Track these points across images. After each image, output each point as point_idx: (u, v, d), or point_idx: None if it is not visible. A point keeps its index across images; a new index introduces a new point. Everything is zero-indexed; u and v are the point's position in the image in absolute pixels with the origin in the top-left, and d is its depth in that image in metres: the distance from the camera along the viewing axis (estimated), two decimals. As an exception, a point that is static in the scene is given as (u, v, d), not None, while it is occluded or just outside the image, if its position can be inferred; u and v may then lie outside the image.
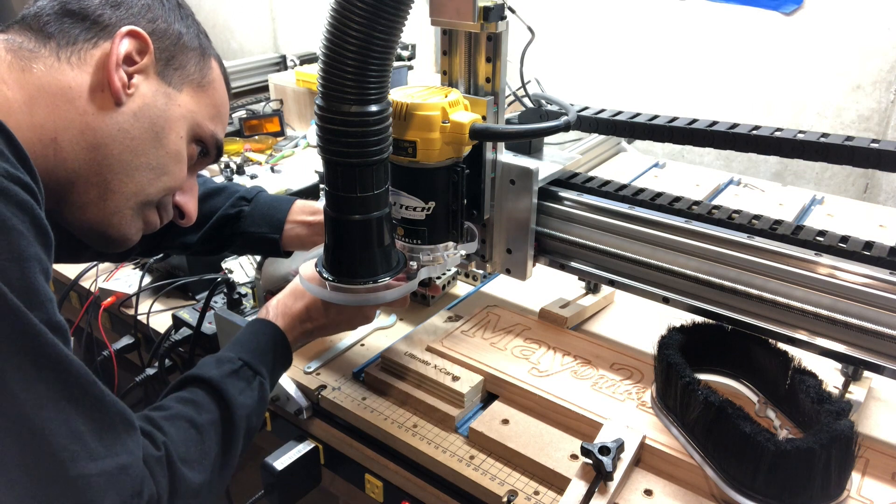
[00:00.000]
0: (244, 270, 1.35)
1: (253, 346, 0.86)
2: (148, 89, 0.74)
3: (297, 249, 1.11)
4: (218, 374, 0.79)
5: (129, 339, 1.29)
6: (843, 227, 1.04)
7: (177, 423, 0.71)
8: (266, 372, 0.84)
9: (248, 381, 0.81)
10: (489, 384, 1.00)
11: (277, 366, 0.88)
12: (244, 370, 0.81)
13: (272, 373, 0.86)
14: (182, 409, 0.74)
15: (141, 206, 0.77)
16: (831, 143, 0.94)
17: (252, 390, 0.81)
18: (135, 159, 0.73)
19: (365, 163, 0.78)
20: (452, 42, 0.95)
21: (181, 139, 0.78)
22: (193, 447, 0.71)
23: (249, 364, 0.82)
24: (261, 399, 0.82)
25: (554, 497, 0.85)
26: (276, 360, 0.87)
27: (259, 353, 0.84)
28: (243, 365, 0.81)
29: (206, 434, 0.73)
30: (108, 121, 0.71)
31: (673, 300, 0.95)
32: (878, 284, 0.80)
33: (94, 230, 0.75)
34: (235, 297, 1.18)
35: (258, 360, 0.83)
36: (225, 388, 0.77)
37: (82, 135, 0.69)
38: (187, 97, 0.78)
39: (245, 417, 0.78)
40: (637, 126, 1.08)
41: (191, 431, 0.72)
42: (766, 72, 1.79)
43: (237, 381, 0.80)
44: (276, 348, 0.87)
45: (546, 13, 2.07)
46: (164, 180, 0.77)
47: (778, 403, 0.88)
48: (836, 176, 1.78)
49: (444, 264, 0.96)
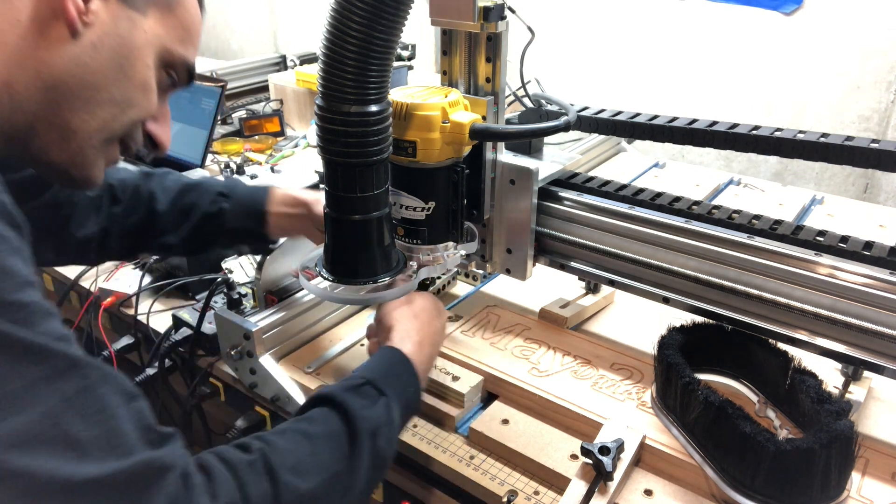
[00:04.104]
0: (244, 270, 1.35)
1: (377, 367, 0.81)
2: (108, 15, 0.65)
3: (280, 237, 1.10)
4: (337, 389, 0.74)
5: (129, 339, 1.29)
6: (843, 227, 1.04)
7: (286, 434, 0.68)
8: (392, 393, 0.77)
9: (371, 399, 0.75)
10: (489, 384, 1.00)
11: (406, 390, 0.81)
12: (367, 387, 0.76)
13: (400, 396, 0.79)
14: (295, 424, 0.70)
15: (106, 144, 0.70)
16: (831, 143, 0.94)
17: (377, 407, 0.74)
18: (96, 94, 0.66)
19: (365, 163, 0.78)
20: (452, 42, 0.95)
21: (148, 68, 0.69)
22: (302, 456, 0.66)
23: (372, 382, 0.76)
24: (388, 419, 0.75)
25: (554, 497, 0.85)
26: (404, 385, 0.81)
27: (383, 375, 0.79)
28: (366, 382, 0.76)
29: (320, 444, 0.68)
30: (65, 54, 0.63)
31: (673, 300, 0.95)
32: (878, 284, 0.80)
33: (57, 172, 0.69)
34: (235, 297, 1.18)
35: (383, 380, 0.78)
36: (344, 400, 0.72)
37: (37, 73, 0.62)
38: (153, 21, 0.69)
39: (369, 432, 0.71)
40: (637, 126, 1.08)
41: (301, 441, 0.67)
42: (766, 72, 1.79)
43: (358, 396, 0.74)
44: (400, 372, 0.82)
45: (546, 13, 2.07)
46: (130, 113, 0.69)
47: (778, 403, 0.88)
48: (836, 176, 1.78)
49: (444, 264, 0.96)
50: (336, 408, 0.72)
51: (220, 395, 1.16)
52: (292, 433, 0.68)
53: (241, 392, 1.12)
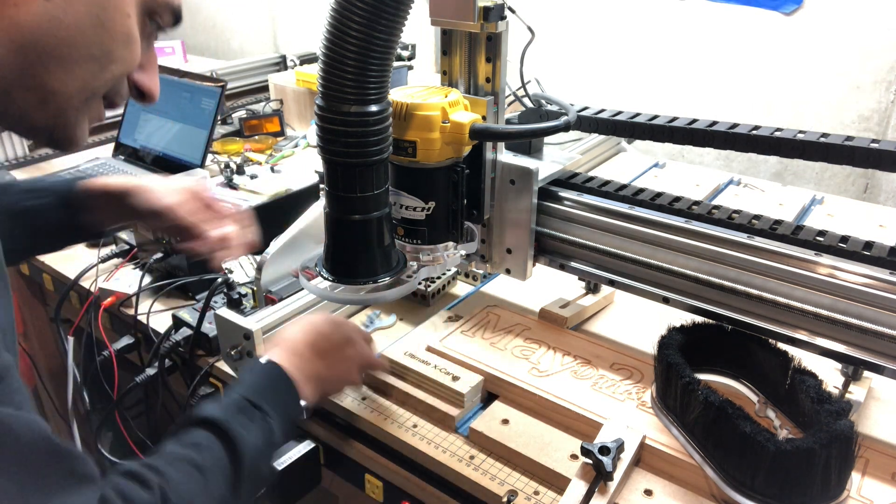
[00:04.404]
0: (244, 270, 1.35)
1: (253, 383, 0.81)
2: None
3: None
4: (219, 412, 0.74)
5: (129, 339, 1.29)
6: (843, 227, 1.04)
7: (176, 465, 0.67)
8: (271, 410, 0.78)
9: (251, 419, 0.75)
10: (489, 384, 1.00)
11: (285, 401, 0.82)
12: (246, 407, 0.76)
13: (279, 411, 0.80)
14: (181, 451, 0.69)
15: (88, 102, 0.66)
16: (831, 143, 0.94)
17: (258, 428, 0.75)
18: (73, 52, 0.61)
19: (365, 163, 0.78)
20: (452, 42, 0.95)
21: (128, 17, 0.64)
22: (195, 489, 0.66)
23: (251, 400, 0.77)
24: (270, 438, 0.77)
25: (554, 497, 0.85)
26: (282, 398, 0.82)
27: (260, 391, 0.79)
28: (245, 401, 0.77)
29: (210, 474, 0.68)
30: (36, 11, 0.58)
31: (673, 300, 0.95)
32: (878, 284, 0.80)
33: (40, 134, 0.66)
34: (235, 297, 1.18)
35: (260, 397, 0.78)
36: (227, 426, 0.72)
37: (7, 34, 0.57)
38: None
39: (251, 458, 0.73)
40: (637, 126, 1.08)
41: (190, 472, 0.67)
42: (766, 72, 1.78)
43: (240, 416, 0.75)
44: (277, 385, 0.83)
45: (546, 13, 2.07)
46: (112, 69, 0.64)
47: (778, 403, 0.88)
48: (836, 176, 1.78)
49: (444, 264, 0.96)
50: (220, 434, 0.72)
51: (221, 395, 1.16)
52: (183, 464, 0.68)
53: (241, 392, 1.12)
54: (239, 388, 0.79)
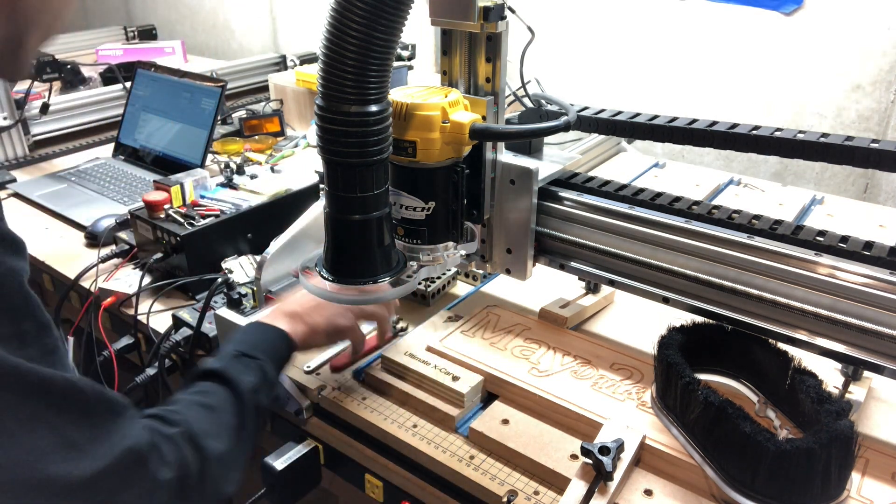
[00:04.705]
0: (244, 270, 1.35)
1: (242, 339, 0.91)
2: None
3: None
4: (217, 364, 0.84)
5: (129, 339, 1.29)
6: (843, 227, 1.04)
7: (190, 407, 0.78)
8: (263, 356, 0.88)
9: (246, 365, 0.86)
10: (489, 384, 1.00)
11: (276, 350, 0.92)
12: (241, 357, 0.87)
13: (271, 356, 0.90)
14: (191, 398, 0.80)
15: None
16: (831, 143, 0.94)
17: (253, 371, 0.86)
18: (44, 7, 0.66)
19: (365, 163, 0.78)
20: (452, 42, 0.95)
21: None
22: (210, 422, 0.77)
23: (245, 353, 0.87)
24: (264, 378, 0.87)
25: (554, 497, 0.85)
26: (271, 348, 0.91)
27: (252, 344, 0.90)
28: (239, 353, 0.87)
29: (219, 410, 0.79)
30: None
31: (673, 300, 0.95)
32: (878, 284, 0.80)
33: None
34: (235, 297, 1.18)
35: (252, 349, 0.89)
36: (226, 371, 0.83)
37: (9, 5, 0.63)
38: None
39: (251, 392, 0.83)
40: (637, 126, 1.08)
41: (203, 411, 0.78)
42: (766, 72, 1.79)
43: (236, 364, 0.85)
44: (267, 337, 0.92)
45: (546, 13, 2.07)
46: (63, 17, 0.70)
47: (778, 403, 0.88)
48: (836, 176, 1.78)
49: (444, 264, 0.96)
50: (221, 380, 0.83)
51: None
52: (195, 406, 0.78)
53: (241, 392, 1.12)
54: (232, 345, 0.90)
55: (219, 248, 1.34)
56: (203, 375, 0.84)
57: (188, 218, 1.33)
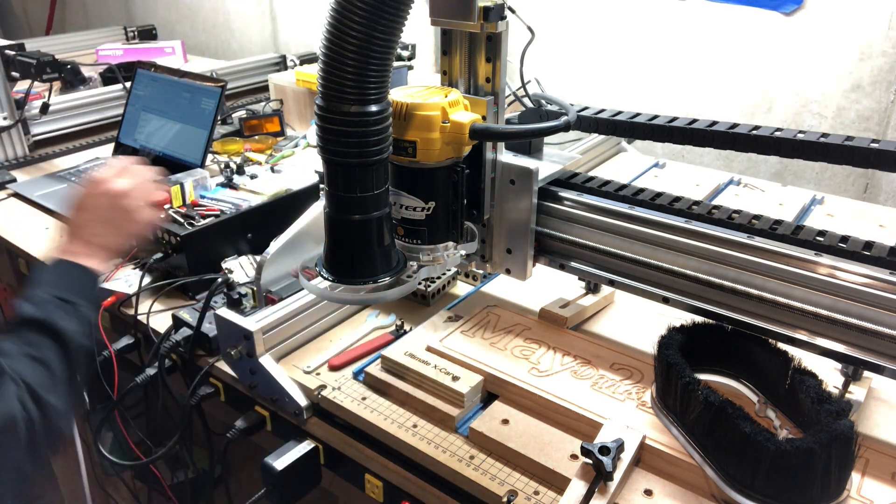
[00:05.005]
0: (244, 270, 1.35)
1: (54, 280, 0.92)
2: None
3: None
4: (38, 311, 0.86)
5: (128, 339, 1.29)
6: (843, 227, 1.04)
7: (24, 362, 0.81)
8: (79, 299, 0.90)
9: (67, 311, 0.88)
10: (489, 384, 1.00)
11: (89, 290, 0.94)
12: (61, 304, 0.88)
13: (87, 297, 0.92)
14: (24, 349, 0.83)
15: None
16: (831, 143, 0.94)
17: (73, 318, 0.88)
18: None
19: (365, 163, 0.78)
20: (452, 42, 0.95)
21: None
22: (45, 377, 0.81)
23: (62, 297, 0.89)
24: (86, 323, 0.90)
25: (554, 497, 0.85)
26: (82, 288, 0.93)
27: (65, 288, 0.91)
28: (56, 299, 0.89)
29: (51, 364, 0.83)
30: None
31: (673, 300, 0.95)
32: (878, 284, 0.80)
33: None
34: (235, 297, 1.18)
35: (68, 293, 0.90)
36: (50, 320, 0.85)
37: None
38: None
39: (76, 342, 0.87)
40: (637, 126, 1.08)
41: (37, 365, 0.81)
42: (766, 72, 1.78)
43: (57, 311, 0.87)
44: (79, 278, 0.94)
45: (546, 13, 2.07)
46: None
47: (778, 403, 0.88)
48: (836, 176, 1.78)
49: (444, 264, 0.96)
50: (48, 332, 0.85)
51: (220, 395, 1.16)
52: (28, 360, 0.82)
53: (241, 392, 1.12)
54: (46, 287, 0.91)
55: (219, 248, 1.34)
56: (27, 323, 0.86)
57: (188, 218, 1.33)
